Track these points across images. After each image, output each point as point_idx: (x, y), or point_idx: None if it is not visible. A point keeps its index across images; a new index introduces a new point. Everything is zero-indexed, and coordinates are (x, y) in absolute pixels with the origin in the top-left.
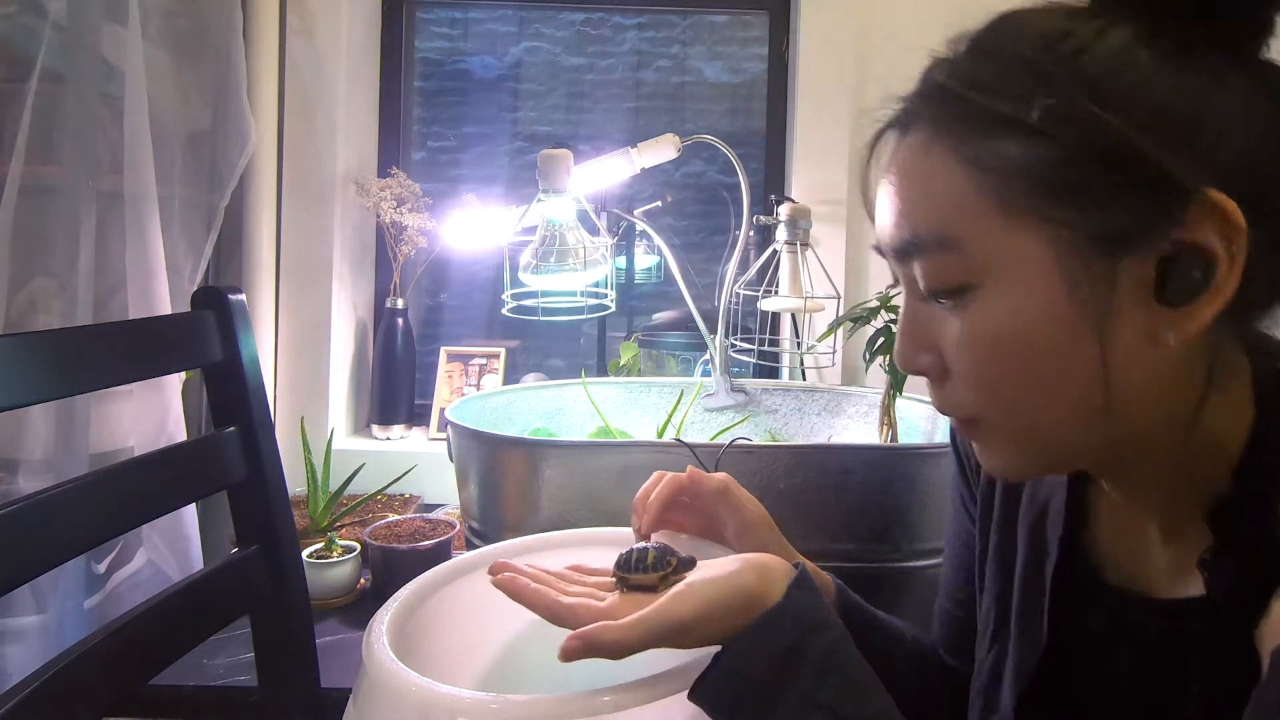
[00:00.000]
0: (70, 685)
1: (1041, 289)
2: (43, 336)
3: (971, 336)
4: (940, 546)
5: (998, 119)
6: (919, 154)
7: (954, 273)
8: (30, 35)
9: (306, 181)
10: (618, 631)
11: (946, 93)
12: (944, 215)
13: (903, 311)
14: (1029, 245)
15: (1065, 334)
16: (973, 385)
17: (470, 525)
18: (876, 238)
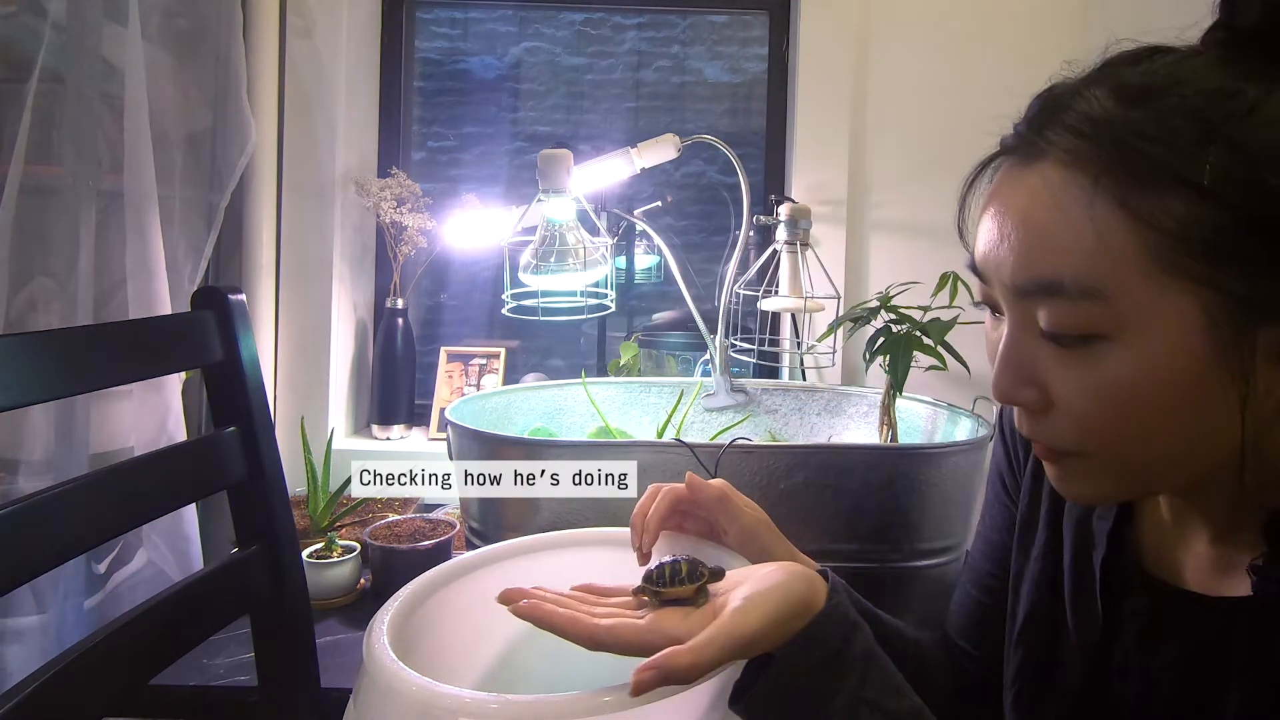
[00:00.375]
0: (70, 685)
1: (1184, 348)
2: (43, 336)
3: (1098, 384)
4: (941, 546)
5: (1166, 173)
6: (1062, 192)
7: (1091, 321)
8: (30, 35)
9: (306, 181)
10: (693, 655)
11: (1104, 134)
12: (1096, 265)
13: (1006, 343)
14: (1180, 305)
15: (1199, 392)
16: (1084, 426)
17: (470, 525)
18: (981, 263)
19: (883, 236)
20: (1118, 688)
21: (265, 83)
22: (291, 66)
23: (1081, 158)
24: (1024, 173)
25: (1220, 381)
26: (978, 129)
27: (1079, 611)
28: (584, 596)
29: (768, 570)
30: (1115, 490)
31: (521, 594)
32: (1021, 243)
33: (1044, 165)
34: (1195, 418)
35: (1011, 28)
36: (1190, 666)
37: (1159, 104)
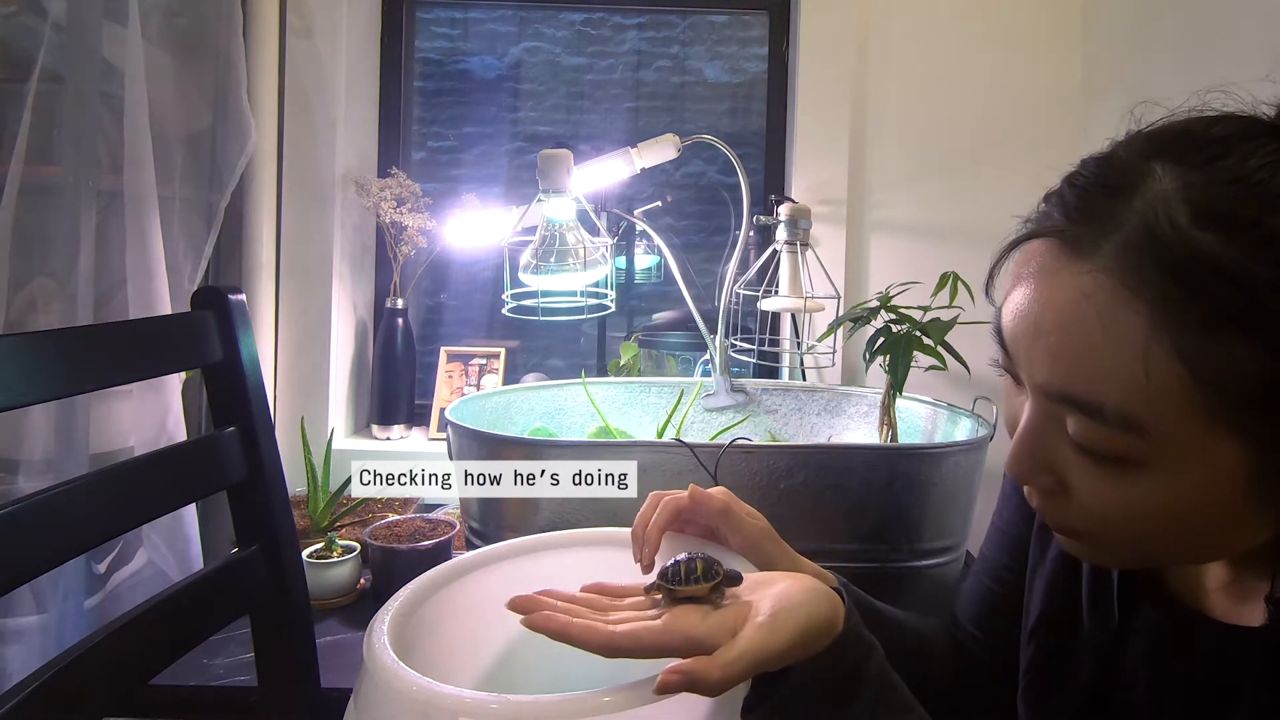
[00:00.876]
0: (70, 685)
1: (1222, 487)
2: (43, 336)
3: (1124, 499)
4: (941, 546)
5: (1234, 321)
6: (1115, 316)
7: (1124, 449)
8: (30, 35)
9: (306, 181)
10: (722, 669)
11: (1174, 266)
12: (1141, 402)
13: (1027, 429)
14: (1222, 450)
15: (1229, 518)
16: (1102, 527)
17: (470, 525)
18: (1009, 340)
19: (883, 236)
20: (1126, 693)
21: (265, 83)
22: (291, 66)
23: (1140, 281)
24: (1070, 268)
25: (1250, 509)
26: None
27: (1095, 616)
28: (595, 600)
29: (790, 585)
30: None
31: (534, 604)
32: (1061, 351)
33: (1096, 272)
34: (1220, 533)
35: (1011, 28)
36: (1198, 688)
37: (1241, 237)
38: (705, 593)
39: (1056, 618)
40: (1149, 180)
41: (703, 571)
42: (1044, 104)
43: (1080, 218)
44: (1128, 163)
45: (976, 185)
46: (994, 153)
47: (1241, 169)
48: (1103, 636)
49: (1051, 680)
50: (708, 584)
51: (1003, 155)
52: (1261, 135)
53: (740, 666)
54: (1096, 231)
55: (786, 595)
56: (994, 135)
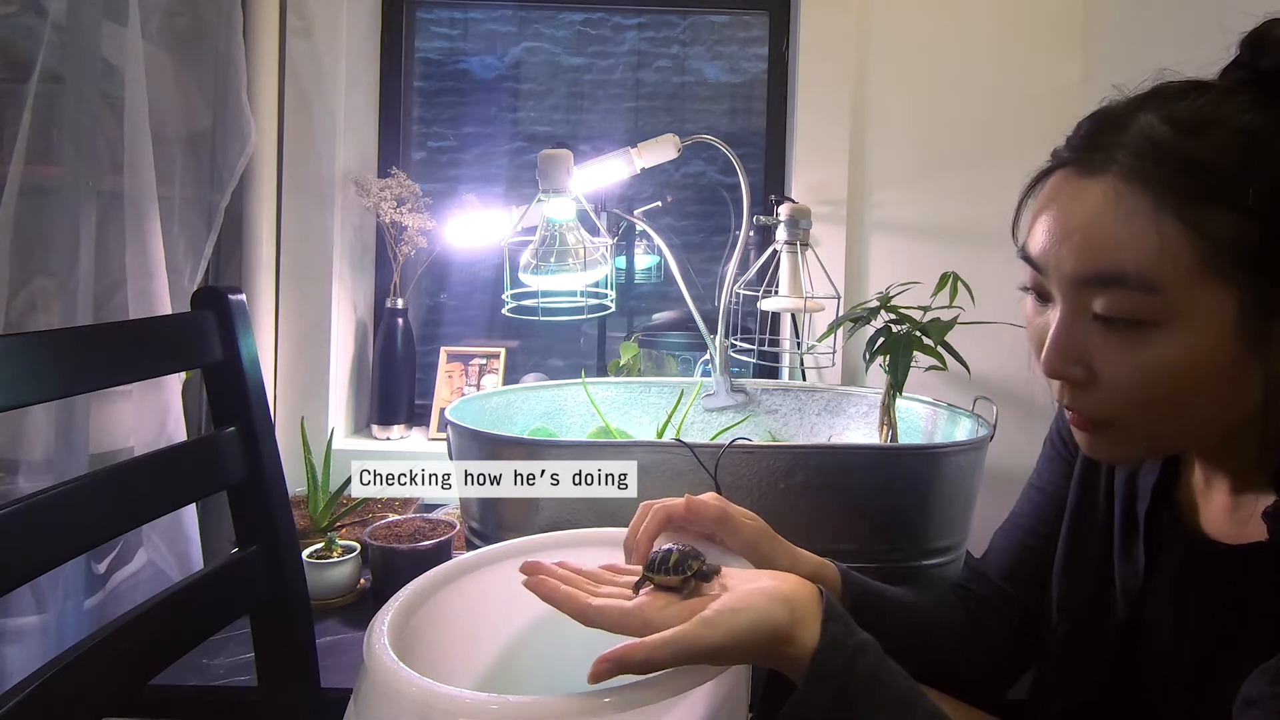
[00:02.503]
0: (70, 685)
1: (1219, 336)
2: (43, 336)
3: (1145, 364)
4: (941, 546)
5: (1218, 195)
6: (1129, 203)
7: (1145, 310)
8: (30, 35)
9: (306, 181)
10: (646, 651)
11: (1165, 157)
12: (1156, 263)
13: (1060, 325)
14: (1219, 302)
15: (1230, 370)
16: (1125, 399)
17: (470, 525)
18: (1039, 256)
19: (883, 236)
20: (1153, 629)
21: (265, 83)
22: (291, 66)
23: (1145, 175)
24: (1086, 182)
25: (1244, 363)
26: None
27: (1124, 558)
28: (598, 574)
29: (754, 587)
30: (1144, 453)
31: (540, 569)
32: (1088, 241)
33: (1108, 178)
34: (1222, 392)
35: (1011, 28)
36: (1213, 609)
37: (1210, 137)
38: (676, 584)
39: (1092, 567)
40: (1137, 116)
41: (674, 564)
42: (1044, 104)
43: (1088, 147)
44: (1118, 109)
45: (976, 185)
46: (994, 153)
47: (1199, 102)
48: (1132, 581)
49: (1088, 627)
50: (676, 576)
51: (1003, 155)
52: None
53: (666, 653)
54: (1104, 154)
55: (742, 597)
56: (994, 135)
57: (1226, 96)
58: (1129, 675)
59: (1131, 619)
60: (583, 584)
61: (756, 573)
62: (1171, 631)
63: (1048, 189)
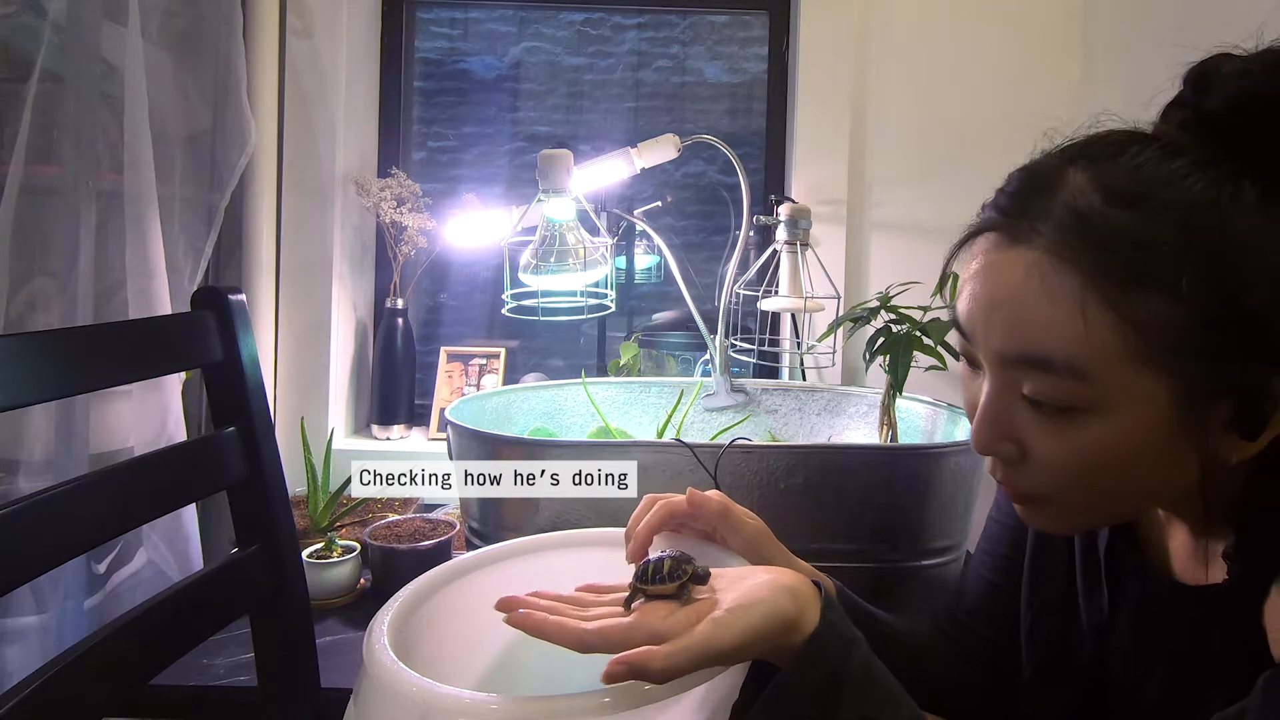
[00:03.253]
0: (70, 685)
1: (1151, 422)
2: (43, 336)
3: (1077, 447)
4: (941, 546)
5: (1148, 278)
6: (1054, 282)
7: (1074, 396)
8: (30, 35)
9: (306, 181)
10: (664, 659)
11: (1093, 235)
12: (1082, 350)
13: (987, 400)
14: (1151, 388)
15: (1162, 454)
16: (1057, 480)
17: (470, 525)
18: (966, 324)
19: (883, 236)
20: (1118, 666)
21: (265, 83)
22: (291, 66)
23: (1071, 252)
24: (1012, 253)
25: (1180, 444)
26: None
27: (1088, 594)
28: (579, 598)
29: (757, 581)
30: (1084, 526)
31: (517, 603)
32: (1013, 319)
33: (1034, 251)
34: (1160, 473)
35: (1011, 27)
36: (1176, 649)
37: (1143, 210)
38: (672, 591)
39: (1056, 603)
40: (1067, 177)
41: (669, 571)
42: (1044, 104)
43: (1016, 211)
44: (1048, 167)
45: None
46: (994, 152)
47: (1134, 162)
48: (1097, 617)
49: (1056, 664)
50: (673, 583)
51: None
52: (1143, 141)
53: (684, 658)
54: (1031, 220)
55: (748, 592)
56: (994, 135)
57: (1166, 156)
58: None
59: (1098, 656)
60: (568, 610)
61: (750, 569)
62: (1135, 670)
63: (977, 250)
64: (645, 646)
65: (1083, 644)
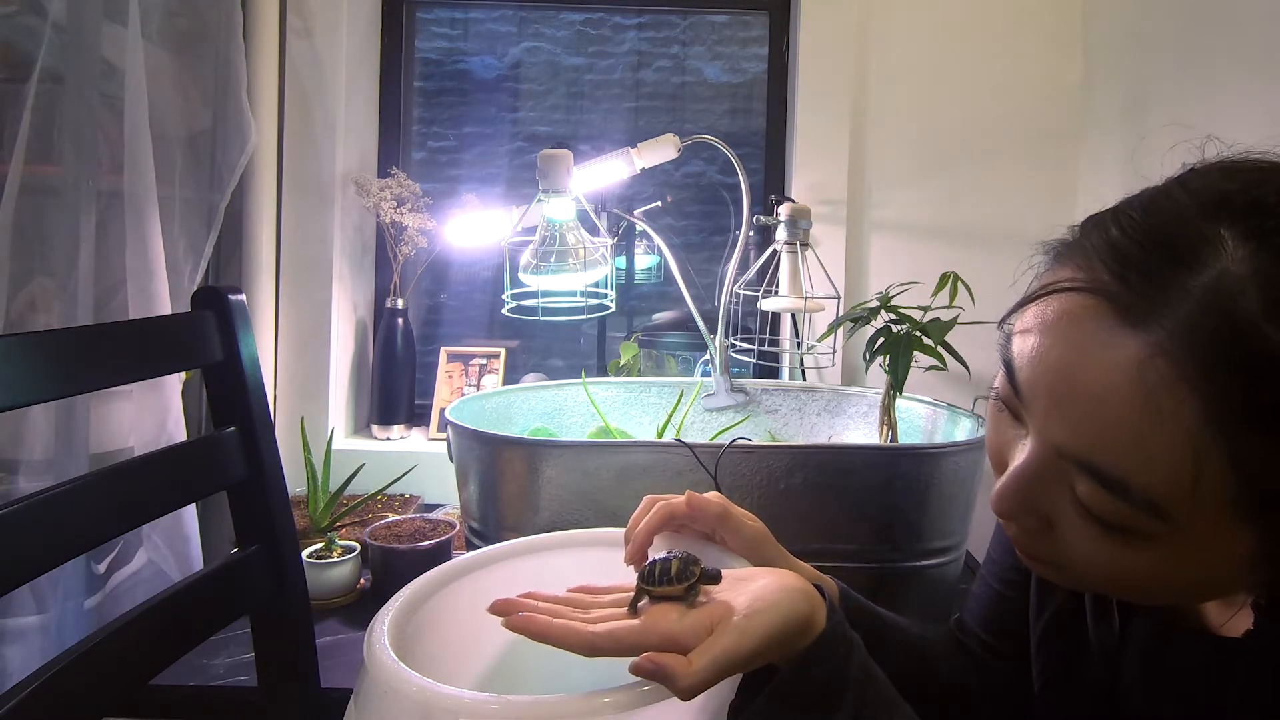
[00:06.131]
0: (70, 685)
1: (1221, 565)
2: (43, 336)
3: (1117, 564)
4: (941, 546)
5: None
6: (1166, 400)
7: (1139, 526)
8: (30, 35)
9: (306, 181)
10: (691, 679)
11: (1241, 351)
12: (1174, 489)
13: (1022, 475)
14: (1237, 538)
15: (1217, 586)
16: (1088, 577)
17: (470, 525)
18: (1025, 386)
19: (883, 236)
20: (1127, 700)
21: (265, 83)
22: (291, 66)
23: (1203, 373)
24: (1120, 335)
25: (1245, 579)
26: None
27: (1097, 618)
28: (577, 599)
29: (767, 583)
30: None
31: (514, 605)
32: (1095, 421)
33: (1150, 351)
34: (1205, 596)
35: (1011, 27)
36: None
37: None
38: (680, 593)
39: (1065, 622)
40: (1216, 248)
41: (676, 573)
42: (1044, 104)
43: (1134, 277)
44: (1188, 219)
45: (976, 185)
46: (994, 153)
47: None
48: (1108, 642)
49: (1065, 685)
50: (681, 585)
51: (1003, 155)
52: None
53: (710, 672)
54: (1152, 299)
55: (762, 594)
56: (994, 135)
57: None
58: None
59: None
60: (568, 613)
61: (751, 570)
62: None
63: (1059, 304)
64: (674, 657)
65: (1092, 667)
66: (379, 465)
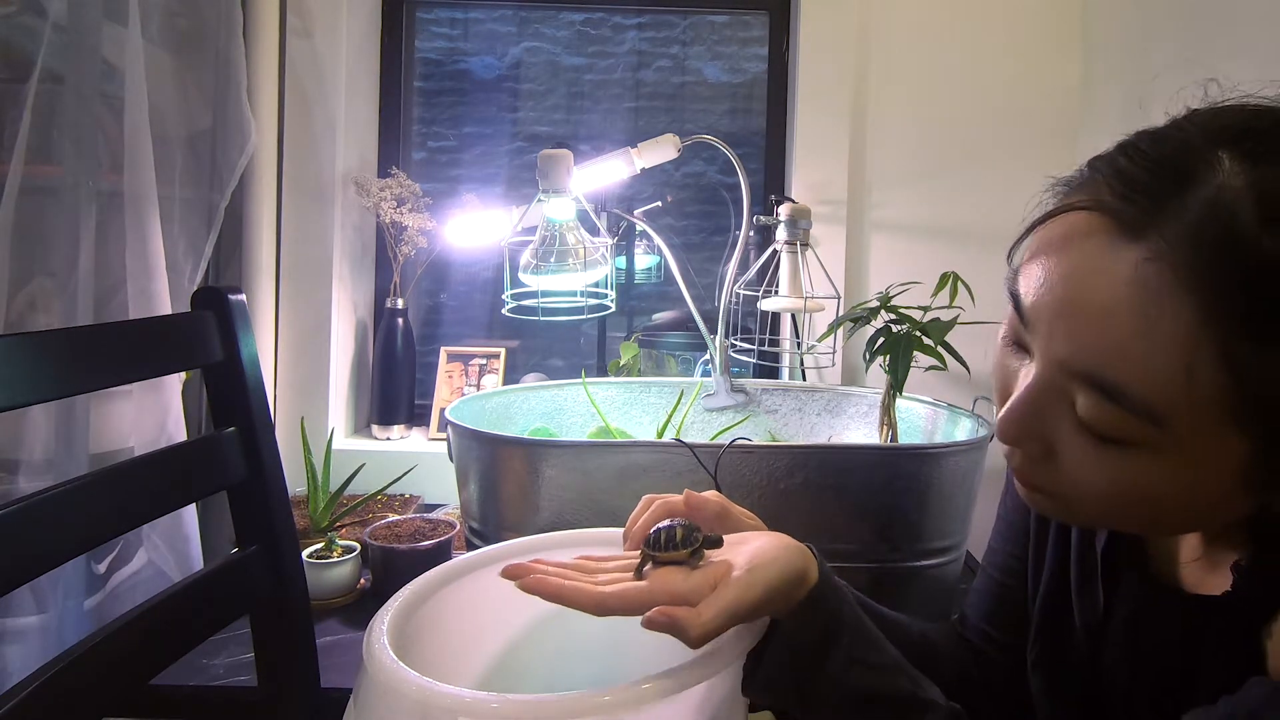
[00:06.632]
0: (70, 685)
1: (1216, 472)
2: (43, 336)
3: (1119, 479)
4: (941, 546)
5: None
6: (1164, 309)
7: (1137, 435)
8: (30, 35)
9: (306, 181)
10: (701, 627)
11: (1239, 269)
12: (1170, 396)
13: (1026, 396)
14: (1231, 445)
15: (1215, 500)
16: (1087, 498)
17: (470, 525)
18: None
19: (883, 236)
20: (1111, 671)
21: (265, 83)
22: (291, 66)
23: (1198, 275)
24: (1121, 246)
25: (1237, 492)
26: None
27: (1083, 594)
28: (584, 566)
29: (763, 543)
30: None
31: (525, 569)
32: (1096, 331)
33: (1150, 258)
34: (1204, 513)
35: (1011, 27)
36: (1168, 661)
37: None
38: (685, 557)
39: (1054, 604)
40: (1214, 168)
41: (681, 539)
42: (1044, 104)
43: (1137, 196)
44: (1190, 144)
45: (976, 185)
46: (994, 153)
47: None
48: (1090, 617)
49: (1054, 665)
50: (686, 549)
51: (1003, 155)
52: None
53: (719, 620)
54: (1153, 214)
55: (761, 551)
56: (994, 135)
57: None
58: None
59: (1093, 657)
60: (577, 577)
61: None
62: (1126, 674)
63: (1064, 225)
64: (682, 608)
65: (1077, 647)
66: (379, 465)
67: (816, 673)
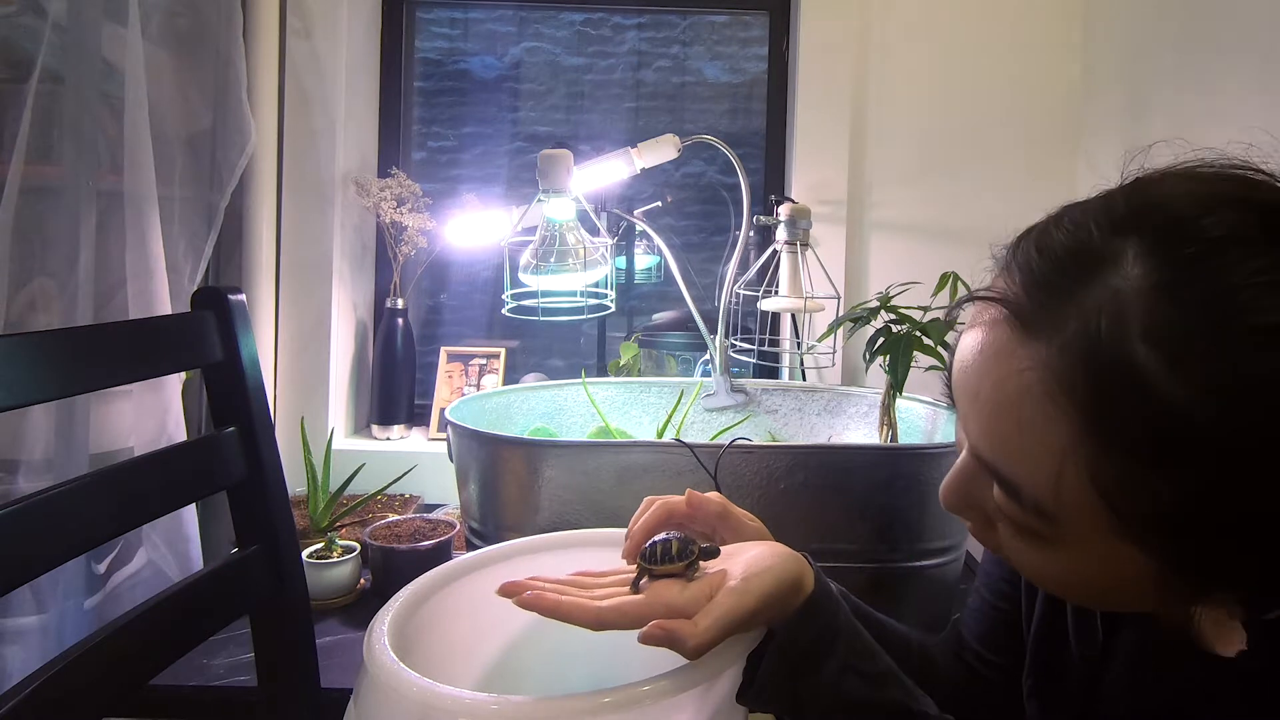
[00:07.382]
0: (70, 685)
1: (1133, 576)
2: (43, 336)
3: (1039, 567)
4: (941, 546)
5: (1154, 452)
6: (1048, 416)
7: (1037, 529)
8: (30, 35)
9: (306, 181)
10: (698, 638)
11: (1108, 371)
12: (1051, 499)
13: (958, 474)
14: (1127, 554)
15: (1141, 593)
16: (1025, 570)
17: (470, 525)
18: (955, 388)
19: (883, 236)
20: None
21: (265, 83)
22: (291, 66)
23: (1073, 390)
24: (1017, 346)
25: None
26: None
27: (1080, 631)
28: (581, 581)
29: (759, 552)
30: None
31: (522, 586)
32: (992, 426)
33: (1036, 364)
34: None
35: (1011, 28)
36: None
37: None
38: (681, 570)
39: (1050, 634)
40: (1115, 266)
41: (677, 551)
42: (1044, 104)
43: (1037, 294)
44: (1101, 234)
45: (976, 185)
46: (994, 153)
47: (1221, 283)
48: (1088, 650)
49: (1049, 692)
50: (682, 563)
51: (1003, 155)
52: (1259, 241)
53: (715, 631)
54: (1048, 315)
55: (756, 560)
56: (994, 135)
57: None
58: None
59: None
60: (574, 592)
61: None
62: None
63: (976, 313)
64: (679, 620)
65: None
66: (379, 465)
67: (811, 681)
